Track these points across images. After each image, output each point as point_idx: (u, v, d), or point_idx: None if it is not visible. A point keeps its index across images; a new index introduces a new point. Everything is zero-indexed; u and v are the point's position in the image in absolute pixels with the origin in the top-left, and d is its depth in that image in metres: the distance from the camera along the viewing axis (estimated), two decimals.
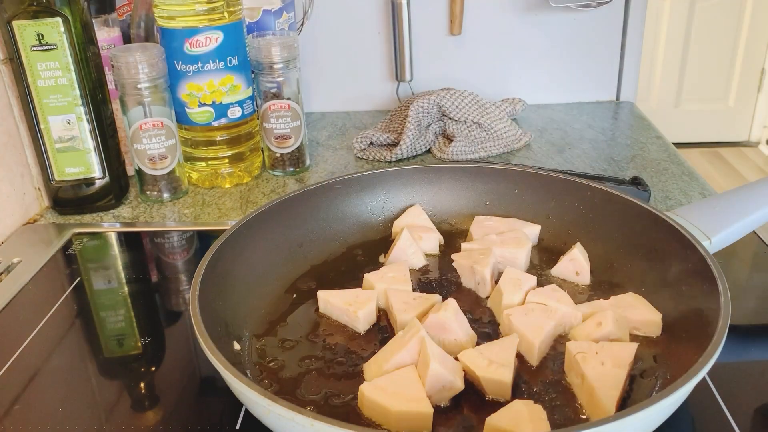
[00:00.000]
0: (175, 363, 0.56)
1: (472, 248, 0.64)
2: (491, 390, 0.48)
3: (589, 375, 0.46)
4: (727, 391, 0.49)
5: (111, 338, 0.59)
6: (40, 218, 0.81)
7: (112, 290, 0.66)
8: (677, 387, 0.39)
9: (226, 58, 0.81)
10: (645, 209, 0.60)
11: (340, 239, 0.68)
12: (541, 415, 0.44)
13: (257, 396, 0.40)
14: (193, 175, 0.87)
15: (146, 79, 0.76)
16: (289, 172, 0.89)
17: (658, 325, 0.53)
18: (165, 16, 0.78)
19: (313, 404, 0.48)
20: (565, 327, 0.54)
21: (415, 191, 0.72)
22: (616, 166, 0.89)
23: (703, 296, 0.49)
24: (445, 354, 0.49)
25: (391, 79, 1.11)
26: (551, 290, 0.56)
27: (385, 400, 0.45)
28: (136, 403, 0.51)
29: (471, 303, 0.60)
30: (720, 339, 0.43)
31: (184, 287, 0.66)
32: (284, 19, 0.95)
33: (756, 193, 0.61)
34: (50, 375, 0.54)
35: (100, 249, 0.74)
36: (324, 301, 0.58)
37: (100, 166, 0.79)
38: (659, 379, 0.49)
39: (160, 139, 0.79)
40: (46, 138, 0.76)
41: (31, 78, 0.73)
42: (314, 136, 1.03)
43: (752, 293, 0.62)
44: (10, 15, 0.70)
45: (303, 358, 0.53)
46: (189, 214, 0.80)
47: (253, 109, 0.86)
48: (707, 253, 0.52)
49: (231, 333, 0.53)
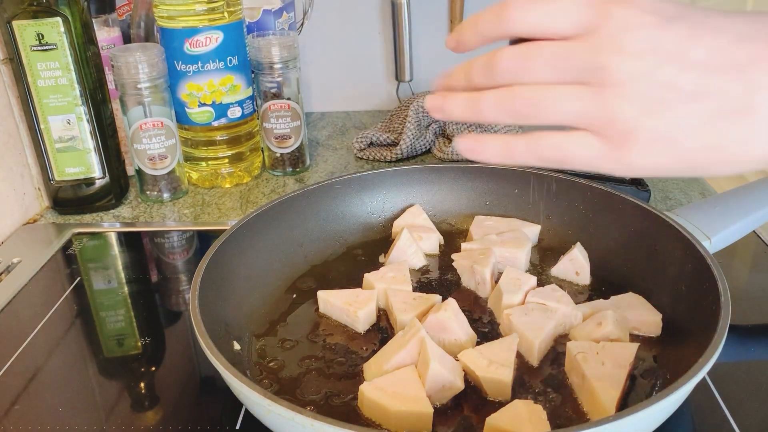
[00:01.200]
0: (175, 363, 0.56)
1: (472, 248, 0.64)
2: (491, 390, 0.48)
3: (589, 375, 0.46)
4: (727, 391, 0.49)
5: (111, 338, 0.59)
6: (40, 218, 0.81)
7: (112, 290, 0.66)
8: (677, 387, 0.39)
9: (226, 58, 0.81)
10: (645, 209, 0.60)
11: (340, 239, 0.68)
12: (541, 415, 0.44)
13: (257, 396, 0.40)
14: (193, 175, 0.87)
15: (146, 79, 0.76)
16: (289, 172, 0.89)
17: (658, 325, 0.53)
18: (165, 16, 0.78)
19: (313, 404, 0.48)
20: (565, 327, 0.54)
21: (415, 191, 0.72)
22: None
23: (703, 296, 0.49)
24: (445, 354, 0.49)
25: (391, 79, 1.11)
26: (551, 290, 0.56)
27: (385, 400, 0.45)
28: (136, 403, 0.51)
29: (471, 303, 0.60)
30: (720, 339, 0.43)
31: (184, 287, 0.66)
32: (284, 19, 0.95)
33: (756, 193, 0.61)
34: (50, 375, 0.54)
35: (100, 249, 0.74)
36: (324, 301, 0.58)
37: (100, 166, 0.79)
38: (659, 379, 0.49)
39: (160, 139, 0.79)
40: (46, 138, 0.76)
41: (31, 78, 0.73)
42: (314, 136, 1.03)
43: (752, 293, 0.62)
44: (10, 15, 0.70)
45: (303, 358, 0.53)
46: (189, 214, 0.80)
47: (253, 109, 0.86)
48: (707, 253, 0.52)
49: (231, 333, 0.53)
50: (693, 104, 0.32)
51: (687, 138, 0.33)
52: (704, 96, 0.32)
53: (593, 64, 0.33)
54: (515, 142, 0.37)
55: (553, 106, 0.35)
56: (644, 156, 0.34)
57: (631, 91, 0.33)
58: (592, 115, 0.34)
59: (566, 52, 0.34)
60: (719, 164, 0.33)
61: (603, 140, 0.34)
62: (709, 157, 0.33)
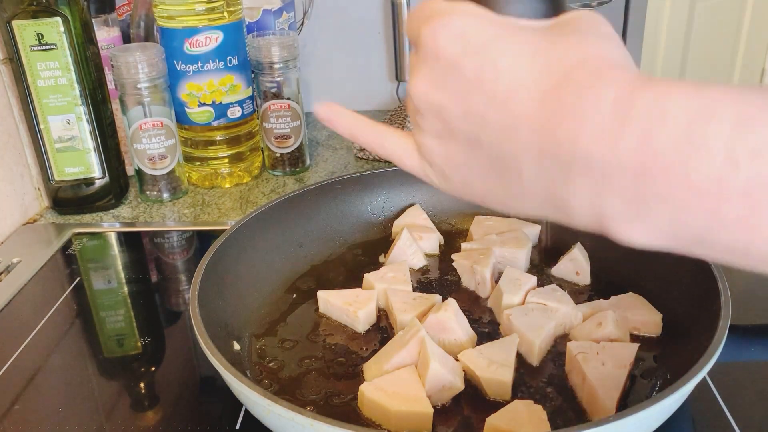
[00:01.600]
0: (175, 363, 0.56)
1: (472, 248, 0.64)
2: (491, 390, 0.48)
3: (589, 375, 0.46)
4: (727, 391, 0.49)
5: (111, 338, 0.59)
6: (39, 218, 0.81)
7: (112, 290, 0.66)
8: (677, 387, 0.39)
9: (226, 57, 0.81)
10: None
11: (340, 239, 0.68)
12: (541, 415, 0.44)
13: (257, 396, 0.40)
14: (193, 175, 0.87)
15: (146, 79, 0.76)
16: (288, 172, 0.89)
17: (658, 325, 0.53)
18: (165, 16, 0.78)
19: (313, 404, 0.48)
20: (565, 327, 0.54)
21: (415, 191, 0.72)
22: None
23: (703, 296, 0.49)
24: (445, 354, 0.49)
25: (391, 79, 1.11)
26: (551, 290, 0.56)
27: (385, 400, 0.45)
28: (136, 403, 0.51)
29: (471, 303, 0.59)
30: (720, 339, 0.43)
31: (184, 287, 0.66)
32: (284, 19, 0.95)
33: None
34: (50, 375, 0.54)
35: (99, 249, 0.74)
36: (324, 301, 0.58)
37: (100, 166, 0.79)
38: (659, 379, 0.49)
39: (160, 139, 0.79)
40: (45, 138, 0.76)
41: (31, 78, 0.73)
42: (314, 136, 1.03)
43: (752, 293, 0.62)
44: (9, 15, 0.70)
45: (303, 358, 0.53)
46: (189, 214, 0.80)
47: (252, 108, 0.86)
48: None
49: (231, 333, 0.53)
50: (466, 146, 0.32)
51: (455, 173, 0.34)
52: (475, 143, 0.32)
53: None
54: (364, 129, 0.39)
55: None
56: (439, 180, 0.36)
57: (422, 119, 0.34)
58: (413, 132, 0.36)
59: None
60: (496, 205, 0.34)
61: (422, 159, 0.36)
62: (483, 198, 0.34)
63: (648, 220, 0.27)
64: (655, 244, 0.28)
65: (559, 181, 0.29)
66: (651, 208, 0.27)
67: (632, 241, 0.28)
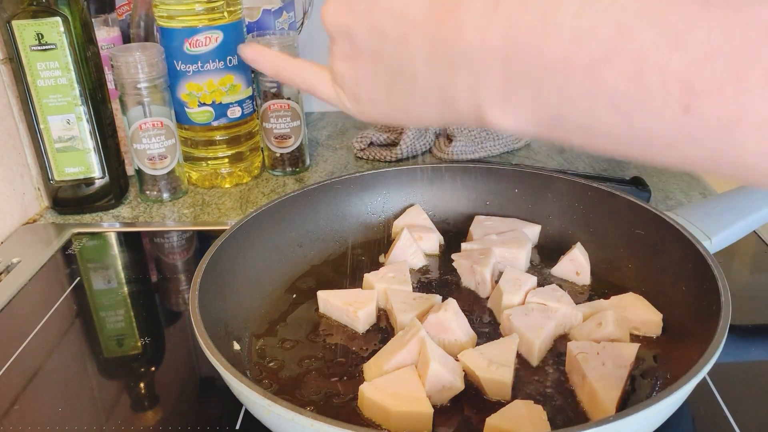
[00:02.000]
0: (175, 363, 0.56)
1: (472, 248, 0.64)
2: (491, 390, 0.48)
3: (590, 375, 0.46)
4: (727, 391, 0.49)
5: (111, 338, 0.59)
6: (39, 218, 0.81)
7: (112, 290, 0.66)
8: (677, 387, 0.39)
9: (226, 57, 0.81)
10: (645, 209, 0.60)
11: (340, 239, 0.68)
12: (541, 415, 0.44)
13: (257, 396, 0.40)
14: (193, 175, 0.87)
15: (146, 79, 0.76)
16: (288, 172, 0.89)
17: (658, 325, 0.53)
18: (165, 16, 0.78)
19: (313, 404, 0.48)
20: (565, 327, 0.54)
21: (415, 191, 0.72)
22: (616, 166, 0.89)
23: (703, 296, 0.49)
24: (445, 354, 0.49)
25: None
26: (551, 290, 0.56)
27: (385, 401, 0.45)
28: (136, 403, 0.51)
29: (471, 303, 0.60)
30: (720, 339, 0.43)
31: (184, 287, 0.66)
32: (284, 19, 0.95)
33: (756, 193, 0.61)
34: (50, 375, 0.54)
35: (99, 249, 0.74)
36: (324, 301, 0.58)
37: (100, 166, 0.79)
38: (659, 379, 0.49)
39: (160, 139, 0.79)
40: (45, 138, 0.76)
41: (31, 78, 0.73)
42: (314, 136, 1.03)
43: (752, 293, 0.62)
44: (9, 15, 0.70)
45: (303, 358, 0.53)
46: (189, 214, 0.80)
47: (252, 108, 0.86)
48: (707, 253, 0.52)
49: (231, 333, 0.53)
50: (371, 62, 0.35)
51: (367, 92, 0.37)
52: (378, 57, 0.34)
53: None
54: (285, 65, 0.43)
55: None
56: (351, 104, 0.38)
57: (333, 44, 0.37)
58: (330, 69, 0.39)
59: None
60: (401, 118, 0.37)
61: (335, 85, 0.39)
62: (390, 114, 0.37)
63: (514, 103, 0.29)
64: (523, 128, 0.30)
65: (447, 79, 0.31)
66: (515, 91, 0.29)
67: (504, 125, 0.30)
